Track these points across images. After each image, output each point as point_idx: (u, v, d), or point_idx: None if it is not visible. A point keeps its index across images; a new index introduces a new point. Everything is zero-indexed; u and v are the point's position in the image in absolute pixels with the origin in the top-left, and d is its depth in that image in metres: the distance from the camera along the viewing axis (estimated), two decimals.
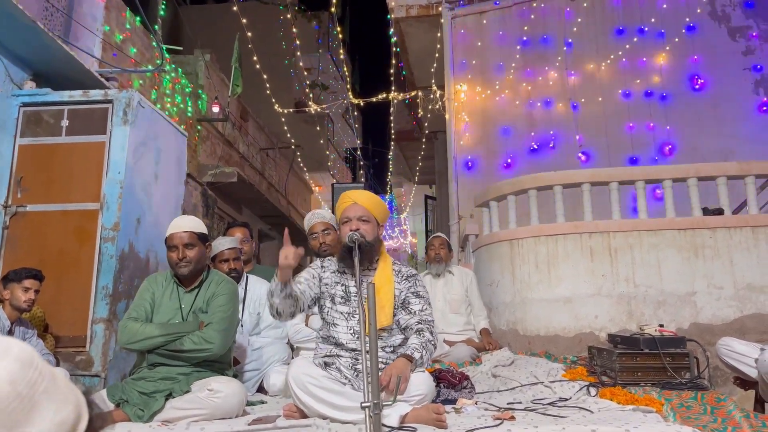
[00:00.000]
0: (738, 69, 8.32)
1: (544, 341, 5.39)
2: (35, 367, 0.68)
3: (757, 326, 5.08)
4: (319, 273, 2.97)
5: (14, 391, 0.65)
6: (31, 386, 0.66)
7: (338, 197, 3.09)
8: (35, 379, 0.67)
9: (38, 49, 4.60)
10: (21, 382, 0.66)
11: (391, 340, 2.86)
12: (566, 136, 8.58)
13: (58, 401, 0.68)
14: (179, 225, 3.18)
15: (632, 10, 8.73)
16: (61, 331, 4.12)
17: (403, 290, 2.94)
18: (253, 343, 3.90)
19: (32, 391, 0.66)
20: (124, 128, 4.42)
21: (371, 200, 2.97)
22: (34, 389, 0.66)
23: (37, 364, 0.69)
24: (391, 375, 2.53)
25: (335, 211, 3.09)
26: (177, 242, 3.11)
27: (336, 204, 3.09)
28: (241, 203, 11.63)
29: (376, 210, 2.95)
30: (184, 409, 2.79)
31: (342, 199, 3.02)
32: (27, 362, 0.67)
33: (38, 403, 0.66)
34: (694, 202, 5.52)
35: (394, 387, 2.46)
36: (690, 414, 2.62)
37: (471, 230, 7.44)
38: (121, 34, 7.25)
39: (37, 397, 0.67)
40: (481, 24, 9.22)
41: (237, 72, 9.95)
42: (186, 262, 3.10)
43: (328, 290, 2.93)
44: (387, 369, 2.59)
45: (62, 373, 0.76)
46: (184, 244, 3.10)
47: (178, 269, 3.11)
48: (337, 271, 2.97)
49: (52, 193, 4.40)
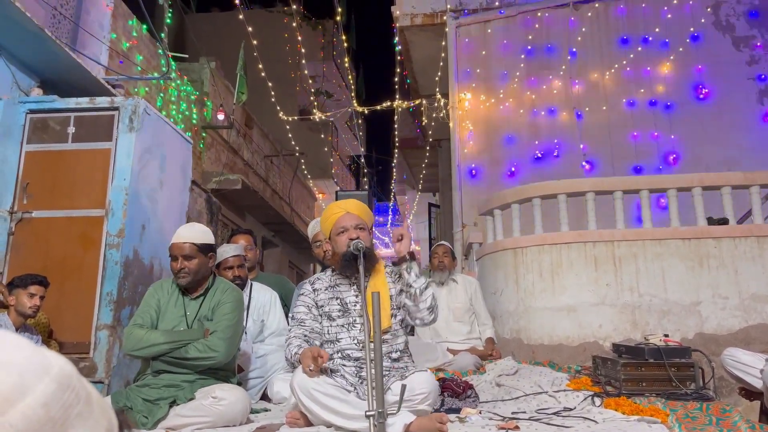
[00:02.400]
0: (742, 78, 8.33)
1: (548, 350, 5.38)
2: (72, 388, 0.64)
3: (763, 336, 5.06)
4: (313, 299, 2.96)
5: (47, 415, 0.61)
6: (65, 410, 0.62)
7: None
8: (71, 402, 0.63)
9: (45, 57, 4.63)
10: (56, 405, 0.62)
11: (395, 344, 2.85)
12: (570, 145, 8.59)
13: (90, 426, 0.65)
14: (181, 235, 3.16)
15: (636, 19, 8.75)
16: (64, 337, 4.12)
17: (395, 288, 2.95)
18: (257, 350, 3.90)
19: (66, 415, 0.62)
20: (130, 135, 4.44)
21: (361, 208, 2.98)
22: (68, 413, 0.63)
23: (74, 385, 0.65)
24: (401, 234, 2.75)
25: (323, 222, 3.06)
26: (177, 252, 3.10)
27: (323, 216, 3.08)
28: (245, 210, 11.66)
29: (366, 217, 2.97)
30: (188, 417, 2.78)
31: (330, 209, 3.00)
32: (65, 383, 0.64)
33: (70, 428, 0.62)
34: (699, 211, 5.51)
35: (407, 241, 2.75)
36: (695, 425, 2.60)
37: (475, 238, 7.44)
38: (127, 42, 7.30)
39: (70, 422, 0.63)
40: (486, 33, 9.25)
41: (242, 79, 9.99)
42: (185, 273, 3.09)
43: (323, 310, 2.92)
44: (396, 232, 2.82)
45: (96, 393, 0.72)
46: (184, 255, 3.09)
47: (178, 279, 3.11)
48: (329, 286, 2.97)
49: (57, 199, 4.42)
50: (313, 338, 2.84)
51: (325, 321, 2.89)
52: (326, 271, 3.09)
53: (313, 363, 2.54)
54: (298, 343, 2.75)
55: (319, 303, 2.93)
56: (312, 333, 2.85)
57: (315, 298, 2.95)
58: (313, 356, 2.55)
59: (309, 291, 2.99)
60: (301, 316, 2.90)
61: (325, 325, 2.89)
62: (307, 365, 2.56)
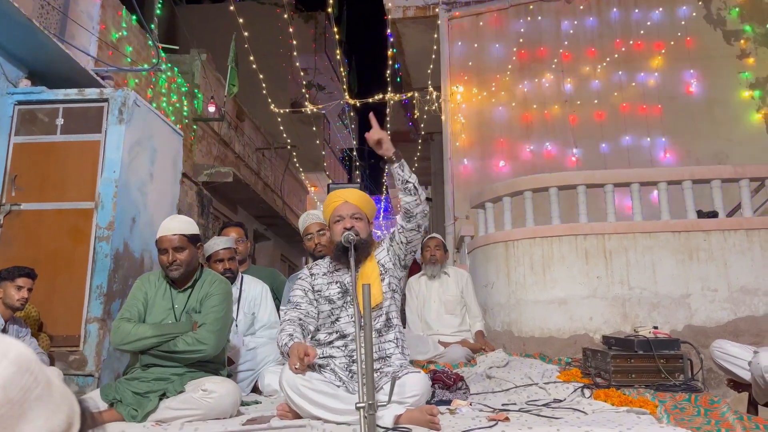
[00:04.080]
0: (733, 73, 8.36)
1: (539, 342, 5.40)
2: (31, 372, 0.65)
3: (751, 329, 5.10)
4: (310, 283, 2.97)
5: (5, 396, 0.62)
6: (24, 392, 0.63)
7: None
8: (29, 385, 0.64)
9: (34, 48, 4.58)
10: (14, 387, 0.63)
11: (378, 322, 2.86)
12: (562, 139, 8.60)
13: (50, 410, 0.65)
14: (169, 227, 3.12)
15: (628, 14, 8.76)
16: (54, 330, 4.10)
17: (384, 248, 2.98)
18: (248, 343, 3.90)
19: (24, 398, 0.63)
20: (120, 127, 4.41)
21: (361, 198, 2.99)
22: (26, 396, 0.63)
23: (33, 368, 0.65)
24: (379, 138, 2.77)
25: (324, 210, 3.09)
26: (167, 245, 3.07)
27: (324, 203, 3.09)
28: (236, 203, 11.62)
29: (366, 207, 2.97)
30: (178, 410, 2.78)
31: (331, 198, 3.02)
32: (24, 367, 0.64)
33: (29, 410, 0.63)
34: (689, 204, 5.54)
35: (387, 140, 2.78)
36: (684, 416, 2.62)
37: (466, 231, 7.45)
38: (117, 33, 7.24)
39: (29, 404, 0.63)
40: (478, 26, 9.23)
41: (233, 71, 9.92)
42: (177, 266, 3.06)
43: (323, 294, 2.93)
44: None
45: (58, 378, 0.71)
46: (174, 247, 3.06)
47: (169, 272, 3.08)
48: (329, 271, 2.98)
49: (46, 191, 4.39)
50: (308, 322, 2.85)
51: (325, 305, 2.91)
52: (326, 258, 3.13)
53: (299, 362, 2.55)
54: (291, 331, 2.74)
55: (316, 288, 2.95)
56: (307, 317, 2.86)
57: (312, 282, 2.97)
58: (300, 356, 2.55)
59: (306, 276, 3.01)
60: (297, 299, 2.91)
61: (325, 308, 2.90)
62: (293, 364, 2.56)
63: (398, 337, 2.91)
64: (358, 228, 2.84)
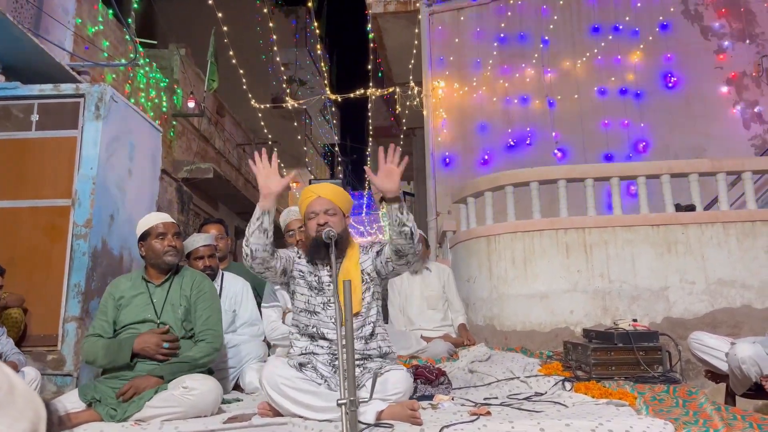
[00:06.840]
0: (710, 67, 8.46)
1: (521, 336, 5.44)
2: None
3: (728, 320, 5.18)
4: (294, 257, 2.97)
5: None
6: None
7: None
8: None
9: (7, 42, 4.50)
10: None
11: (363, 331, 2.84)
12: (542, 133, 8.65)
13: (12, 416, 0.63)
14: (164, 216, 3.24)
15: (607, 8, 8.83)
16: (32, 329, 4.03)
17: (369, 257, 2.94)
18: (230, 340, 3.86)
19: None
20: (97, 123, 4.34)
21: (335, 192, 2.96)
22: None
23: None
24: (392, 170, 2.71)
25: (299, 205, 3.07)
26: (169, 231, 3.14)
27: (299, 198, 3.07)
28: (217, 199, 11.53)
29: (340, 201, 2.94)
30: (159, 407, 2.74)
31: (305, 193, 3.00)
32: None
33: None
34: (667, 198, 5.60)
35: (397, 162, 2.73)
36: (662, 407, 2.65)
37: (448, 226, 7.47)
38: (93, 27, 7.13)
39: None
40: (459, 20, 9.24)
41: (213, 67, 9.84)
42: (177, 251, 3.14)
43: (305, 277, 2.91)
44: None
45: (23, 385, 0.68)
46: (175, 233, 3.16)
47: (167, 256, 3.10)
48: (309, 261, 2.95)
49: (22, 189, 4.31)
50: (274, 252, 2.82)
51: (306, 289, 2.89)
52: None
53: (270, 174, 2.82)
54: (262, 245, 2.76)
55: (297, 265, 2.93)
56: (275, 255, 2.82)
57: (296, 258, 2.96)
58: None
59: (294, 251, 3.02)
60: (279, 253, 2.89)
61: (306, 294, 2.89)
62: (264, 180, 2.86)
63: (381, 345, 2.87)
64: (332, 223, 2.81)
